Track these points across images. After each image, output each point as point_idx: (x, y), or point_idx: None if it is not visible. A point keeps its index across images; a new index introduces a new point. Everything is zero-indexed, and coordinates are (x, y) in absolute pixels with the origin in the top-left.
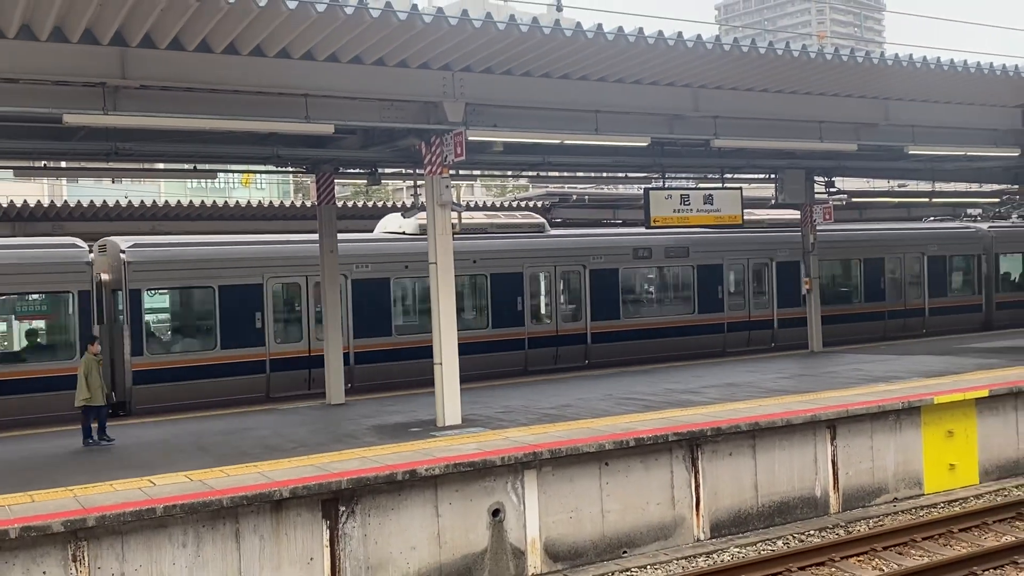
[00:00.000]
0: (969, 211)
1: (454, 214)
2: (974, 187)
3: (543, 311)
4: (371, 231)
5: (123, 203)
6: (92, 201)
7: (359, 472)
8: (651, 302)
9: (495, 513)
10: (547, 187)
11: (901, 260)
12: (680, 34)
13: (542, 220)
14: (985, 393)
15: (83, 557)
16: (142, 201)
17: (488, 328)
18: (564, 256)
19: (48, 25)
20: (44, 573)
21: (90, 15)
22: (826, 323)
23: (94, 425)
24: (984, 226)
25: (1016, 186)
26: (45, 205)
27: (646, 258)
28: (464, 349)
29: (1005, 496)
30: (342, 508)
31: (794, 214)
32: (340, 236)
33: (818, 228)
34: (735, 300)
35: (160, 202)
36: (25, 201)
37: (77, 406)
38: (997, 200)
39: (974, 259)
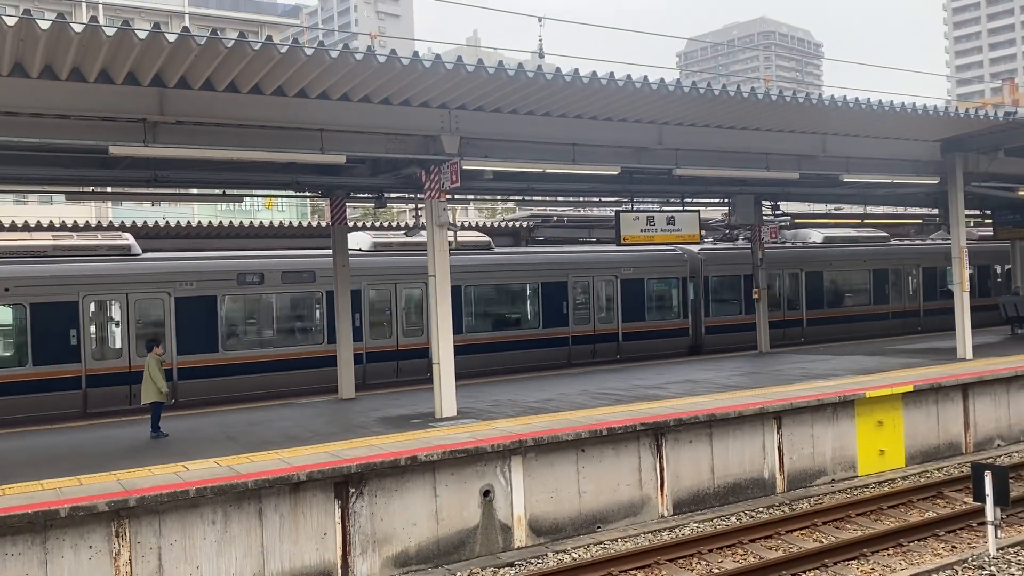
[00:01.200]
0: None
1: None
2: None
3: (112, 344)
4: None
5: (161, 223)
6: (135, 222)
7: (367, 458)
8: (266, 332)
9: (486, 494)
10: (532, 210)
11: (589, 283)
12: (646, 78)
13: (129, 240)
14: (910, 388)
15: (125, 533)
16: (178, 222)
17: (29, 365)
18: (144, 283)
19: (95, 69)
20: (90, 547)
21: (132, 60)
22: (493, 350)
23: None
24: (695, 248)
25: (936, 209)
26: (93, 225)
27: (257, 284)
28: None
29: (928, 478)
30: (352, 490)
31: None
32: None
33: (499, 251)
34: (378, 329)
35: (194, 223)
36: (75, 222)
37: (146, 402)
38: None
39: (678, 282)
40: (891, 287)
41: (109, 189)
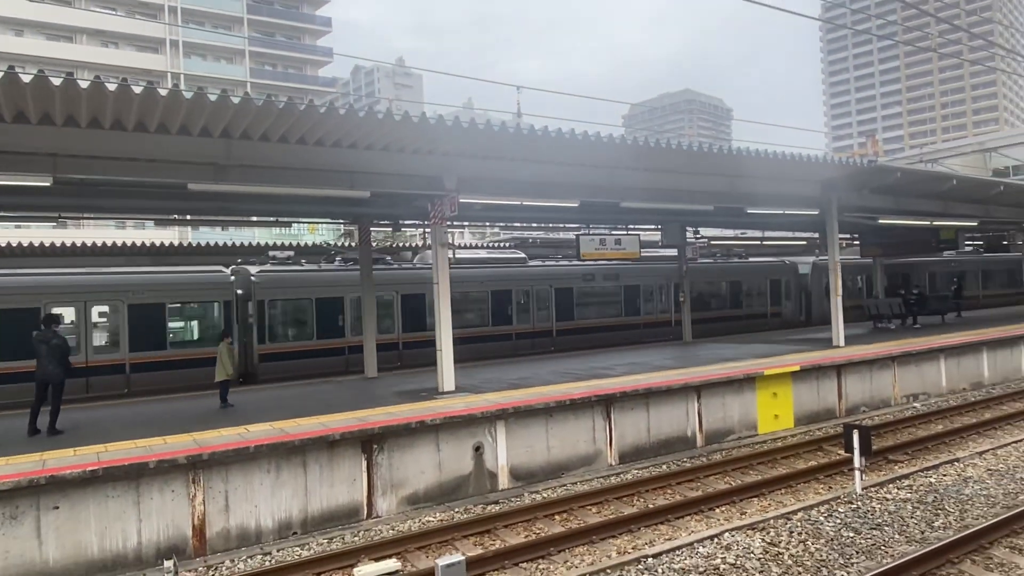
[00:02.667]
0: (254, 256)
1: None
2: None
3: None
4: (393, 266)
5: (229, 244)
6: (208, 243)
7: (386, 422)
8: None
9: (477, 449)
10: (512, 233)
11: (81, 310)
12: (598, 133)
13: None
14: (797, 368)
15: (199, 480)
16: (243, 243)
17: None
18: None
19: (176, 125)
20: (173, 491)
21: (204, 119)
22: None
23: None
24: (253, 270)
25: (816, 234)
26: (176, 244)
27: None
28: None
29: (811, 436)
30: (375, 446)
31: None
32: None
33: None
34: None
35: (255, 243)
36: (163, 242)
37: (218, 380)
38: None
39: (220, 307)
40: (516, 307)
41: (188, 217)
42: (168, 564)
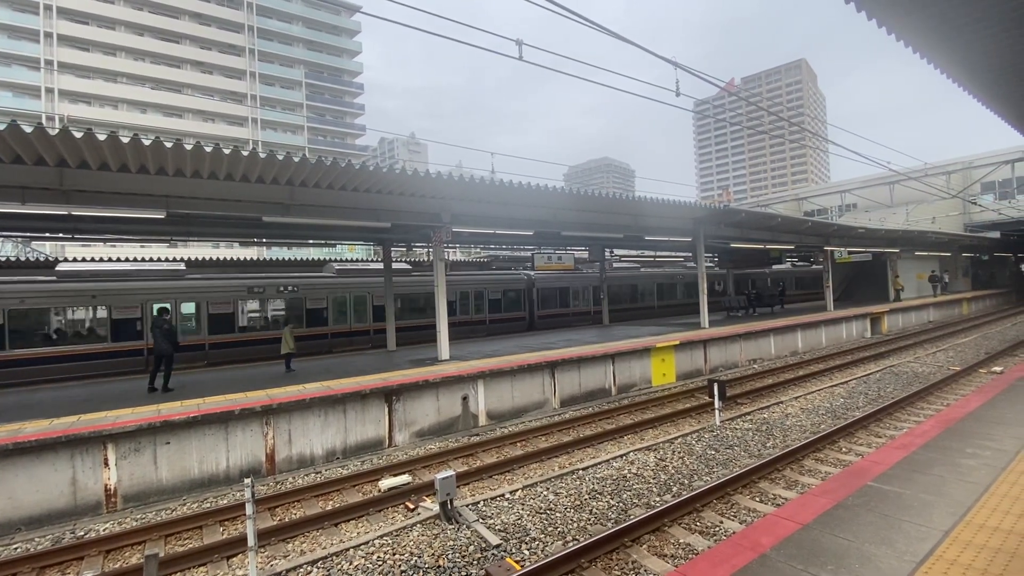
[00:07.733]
0: None
1: None
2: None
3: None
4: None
5: (292, 258)
6: (278, 258)
7: (402, 381)
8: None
9: (464, 398)
10: (490, 251)
11: None
12: (547, 185)
13: None
14: (678, 342)
15: (270, 422)
16: (302, 258)
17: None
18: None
19: (255, 176)
20: (251, 430)
21: (275, 172)
22: None
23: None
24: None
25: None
26: (255, 259)
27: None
28: None
29: (687, 386)
30: (394, 397)
31: None
32: None
33: None
34: None
35: (310, 259)
36: (247, 258)
37: (282, 354)
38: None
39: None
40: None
41: (264, 240)
42: (247, 481)
